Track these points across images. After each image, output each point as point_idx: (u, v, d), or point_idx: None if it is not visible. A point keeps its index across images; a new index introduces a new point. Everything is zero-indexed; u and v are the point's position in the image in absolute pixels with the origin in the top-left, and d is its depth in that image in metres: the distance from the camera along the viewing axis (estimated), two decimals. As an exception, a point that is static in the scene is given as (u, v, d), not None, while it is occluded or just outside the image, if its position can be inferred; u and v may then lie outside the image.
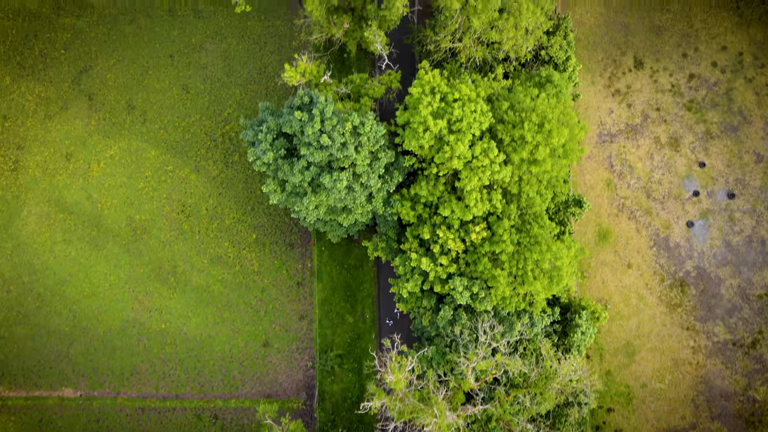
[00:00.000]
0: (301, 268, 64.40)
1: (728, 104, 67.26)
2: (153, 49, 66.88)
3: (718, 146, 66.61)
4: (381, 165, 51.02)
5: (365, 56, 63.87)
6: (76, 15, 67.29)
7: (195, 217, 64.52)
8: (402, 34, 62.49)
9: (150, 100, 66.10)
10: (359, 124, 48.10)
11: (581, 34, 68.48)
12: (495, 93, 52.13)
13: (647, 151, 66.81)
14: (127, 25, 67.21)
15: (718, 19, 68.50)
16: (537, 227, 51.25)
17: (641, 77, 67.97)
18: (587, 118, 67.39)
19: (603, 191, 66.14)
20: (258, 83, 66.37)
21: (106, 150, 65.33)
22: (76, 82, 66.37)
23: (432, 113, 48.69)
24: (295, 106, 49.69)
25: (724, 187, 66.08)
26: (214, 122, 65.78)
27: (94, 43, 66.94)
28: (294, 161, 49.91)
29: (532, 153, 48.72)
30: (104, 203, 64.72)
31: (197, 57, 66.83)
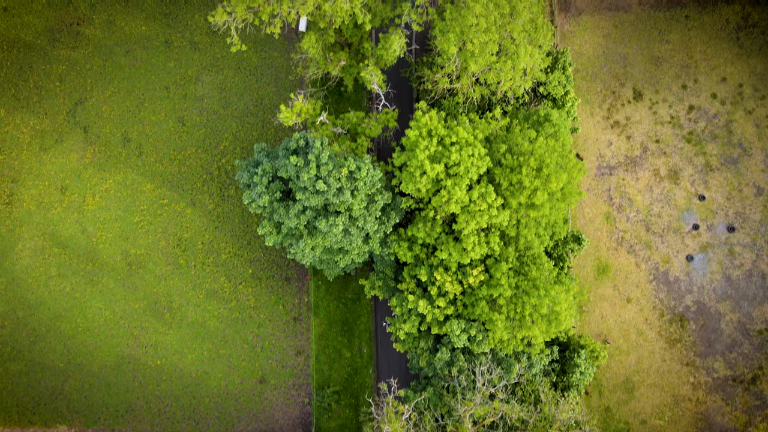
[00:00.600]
0: (297, 302, 63.88)
1: (728, 136, 66.81)
2: (149, 81, 66.42)
3: (717, 179, 66.14)
4: (377, 208, 50.55)
5: (363, 89, 63.41)
6: (71, 47, 66.82)
7: (191, 251, 64.00)
8: (400, 66, 62.04)
9: (146, 133, 65.63)
10: (355, 169, 47.62)
11: (580, 65, 68.03)
12: (493, 133, 51.65)
13: (647, 184, 66.32)
14: (123, 56, 66.77)
15: (718, 50, 68.07)
16: (535, 270, 50.73)
17: (640, 109, 67.52)
18: (586, 150, 66.95)
19: (602, 224, 65.65)
20: (254, 115, 65.89)
21: (101, 183, 64.83)
22: (72, 115, 65.89)
23: (429, 157, 48.23)
24: (291, 150, 49.23)
25: (724, 220, 65.61)
26: (210, 155, 65.29)
27: (90, 75, 66.46)
28: (290, 204, 49.43)
29: (530, 197, 48.27)
30: (99, 237, 64.20)
31: (193, 89, 66.36)
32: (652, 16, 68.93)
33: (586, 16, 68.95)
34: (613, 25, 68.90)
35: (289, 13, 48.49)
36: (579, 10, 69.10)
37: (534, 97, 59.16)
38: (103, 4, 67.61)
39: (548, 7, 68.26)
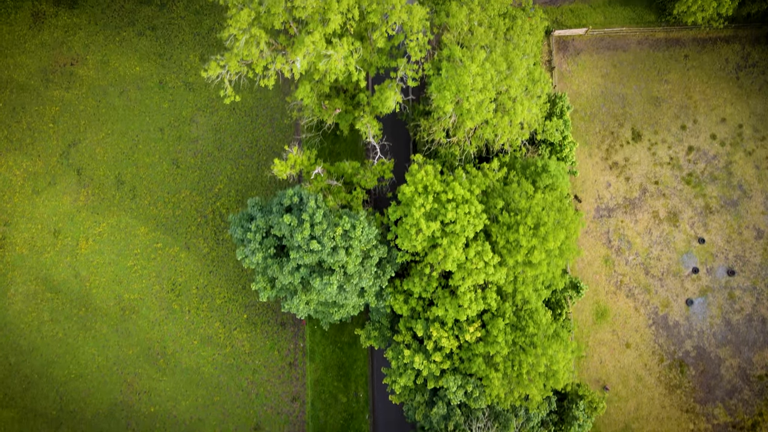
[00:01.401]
0: (293, 348, 63.16)
1: (728, 178, 66.17)
2: (143, 123, 65.78)
3: (717, 221, 65.49)
4: (373, 263, 49.88)
5: (358, 134, 62.76)
6: (65, 87, 66.17)
7: (185, 296, 63.30)
8: (396, 112, 61.46)
9: (140, 175, 64.95)
10: (350, 228, 46.96)
11: (578, 105, 67.41)
12: (490, 186, 51.00)
13: (646, 226, 65.66)
14: (117, 97, 66.12)
15: (717, 90, 67.47)
16: (533, 326, 50.05)
17: (639, 150, 66.89)
18: (584, 192, 66.29)
19: (601, 268, 64.97)
20: (249, 157, 65.24)
21: (94, 227, 64.13)
22: (65, 157, 65.23)
23: (425, 214, 47.62)
24: (285, 206, 48.58)
25: (724, 263, 64.94)
26: (205, 198, 64.60)
27: (83, 117, 65.81)
28: (283, 261, 48.75)
29: (528, 255, 47.61)
30: (92, 282, 63.49)
31: (188, 130, 65.72)
32: (651, 56, 68.31)
33: (585, 56, 68.33)
34: (612, 64, 68.29)
35: (283, 66, 47.85)
36: (577, 50, 68.47)
37: (532, 143, 58.53)
38: (97, 44, 67.00)
39: (546, 46, 67.69)
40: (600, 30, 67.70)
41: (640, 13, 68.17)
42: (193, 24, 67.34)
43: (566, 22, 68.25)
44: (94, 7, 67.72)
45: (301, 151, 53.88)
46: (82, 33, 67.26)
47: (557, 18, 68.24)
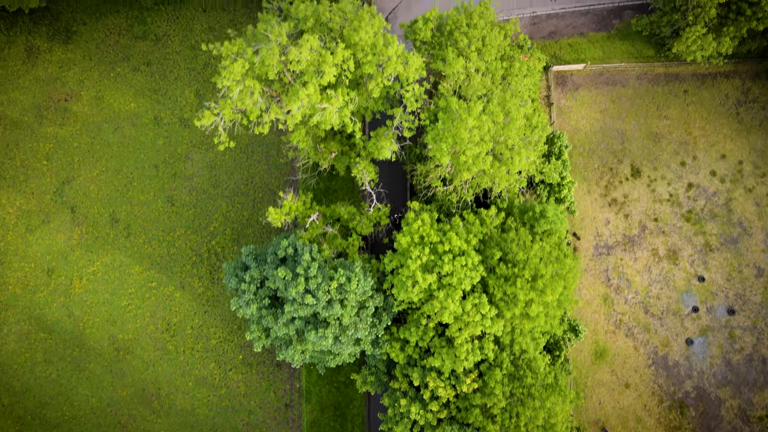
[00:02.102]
0: (289, 389, 62.50)
1: (728, 215, 65.57)
2: (138, 160, 65.19)
3: (717, 259, 64.87)
4: (369, 314, 49.29)
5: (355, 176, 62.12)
6: (59, 124, 65.61)
7: (180, 336, 62.65)
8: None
9: (134, 213, 64.34)
10: (345, 281, 46.34)
11: (577, 141, 66.82)
12: (487, 234, 50.38)
13: (645, 264, 65.03)
14: (112, 134, 65.54)
15: (717, 126, 66.90)
16: (531, 376, 49.44)
17: (639, 186, 66.28)
18: (583, 229, 65.66)
19: (600, 307, 64.32)
20: (245, 194, 64.63)
21: (88, 266, 63.49)
22: (59, 194, 64.63)
23: (421, 266, 47.03)
24: (279, 258, 47.97)
25: (724, 302, 64.32)
26: (200, 236, 63.99)
27: (78, 153, 65.23)
28: (278, 313, 48.14)
29: (525, 308, 47.00)
30: (86, 322, 62.85)
31: (183, 167, 65.12)
32: (650, 91, 67.73)
33: (583, 91, 67.76)
34: (611, 100, 67.71)
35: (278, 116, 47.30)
36: (576, 85, 67.90)
37: (530, 185, 57.94)
38: (91, 79, 66.43)
39: (545, 81, 67.10)
40: (599, 65, 67.15)
41: (639, 48, 67.59)
42: (188, 59, 66.76)
43: (565, 56, 67.65)
44: (88, 42, 67.19)
45: (297, 196, 53.31)
46: (76, 68, 66.69)
47: (555, 53, 67.67)
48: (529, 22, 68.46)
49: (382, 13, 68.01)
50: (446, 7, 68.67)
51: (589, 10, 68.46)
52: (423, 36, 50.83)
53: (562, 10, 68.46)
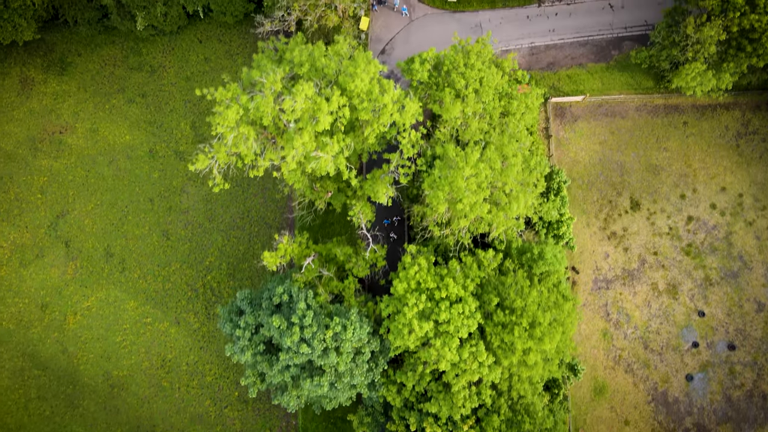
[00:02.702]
0: (285, 426, 61.88)
1: (728, 249, 64.97)
2: (132, 193, 64.63)
3: (717, 294, 64.27)
4: (365, 359, 48.70)
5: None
6: (53, 156, 65.07)
7: (175, 372, 62.04)
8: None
9: (129, 248, 63.78)
10: (341, 330, 45.75)
11: (576, 173, 66.25)
12: (485, 277, 49.80)
13: (645, 299, 64.44)
14: (107, 166, 65.00)
15: (717, 158, 66.33)
16: (529, 422, 48.84)
17: (638, 219, 65.69)
18: (582, 263, 65.07)
19: (599, 342, 63.72)
20: (241, 228, 64.06)
21: (83, 301, 62.92)
22: (53, 228, 64.06)
23: (417, 313, 46.44)
24: (274, 304, 47.40)
25: (725, 337, 63.71)
26: (196, 271, 63.40)
27: (72, 187, 64.67)
28: (273, 360, 47.55)
29: (523, 356, 46.41)
30: (80, 358, 62.24)
31: (178, 201, 64.57)
32: (650, 123, 67.19)
33: (582, 123, 67.21)
34: (610, 131, 67.17)
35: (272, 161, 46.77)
36: (575, 117, 67.36)
37: (528, 224, 57.37)
38: (86, 111, 65.91)
39: (543, 113, 66.56)
40: (598, 97, 66.60)
41: (638, 80, 67.05)
42: (183, 91, 66.23)
43: (563, 87, 67.11)
44: (83, 73, 66.66)
45: (292, 237, 52.72)
46: (71, 100, 66.18)
47: (554, 84, 67.13)
48: (528, 52, 67.92)
49: (380, 42, 67.55)
50: (442, 37, 68.27)
51: (588, 41, 67.91)
52: (420, 76, 50.27)
53: (560, 40, 67.91)
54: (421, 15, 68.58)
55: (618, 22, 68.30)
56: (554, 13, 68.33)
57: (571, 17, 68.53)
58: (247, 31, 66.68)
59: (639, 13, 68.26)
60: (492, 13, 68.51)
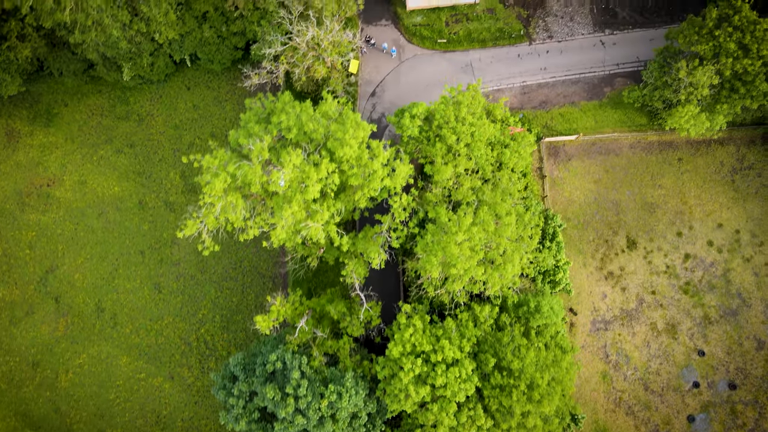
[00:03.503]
0: (283, 480, 60.93)
1: (726, 286, 64.38)
2: (123, 246, 63.70)
3: (717, 332, 63.66)
4: (362, 423, 47.86)
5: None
6: (41, 210, 64.11)
7: (170, 429, 61.05)
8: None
9: (120, 302, 62.83)
10: (336, 398, 44.93)
11: (571, 213, 65.60)
12: (482, 335, 49.06)
13: (644, 339, 63.79)
14: (96, 219, 64.06)
15: (713, 194, 65.77)
16: (530, 481, 48.09)
17: (635, 258, 65.05)
18: (580, 304, 64.38)
19: (599, 385, 63.03)
20: (234, 279, 63.17)
21: (74, 358, 61.93)
22: (43, 284, 63.07)
23: (414, 378, 45.67)
24: (269, 372, 46.53)
25: (725, 377, 63.09)
26: (189, 324, 62.49)
27: (61, 241, 63.71)
28: (268, 428, 46.68)
29: (523, 419, 45.69)
30: (73, 417, 61.23)
31: (169, 253, 63.65)
32: (644, 160, 66.59)
33: (576, 162, 66.57)
34: (604, 170, 66.53)
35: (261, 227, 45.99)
36: (568, 156, 66.72)
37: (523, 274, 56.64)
38: (74, 163, 64.99)
39: (537, 153, 65.89)
40: (591, 135, 65.97)
41: (632, 117, 66.46)
42: (172, 140, 65.38)
43: (556, 126, 66.46)
44: (70, 124, 65.76)
45: (285, 294, 51.91)
46: (58, 152, 65.25)
47: (547, 123, 66.49)
48: (520, 91, 67.26)
49: (370, 84, 66.74)
50: (433, 77, 67.50)
51: (580, 79, 67.28)
52: (410, 132, 49.55)
53: (552, 79, 67.26)
54: (410, 56, 67.88)
55: (610, 58, 67.75)
56: (545, 51, 67.73)
57: (562, 55, 67.96)
58: (236, 76, 65.84)
59: (630, 50, 67.74)
60: (482, 53, 67.84)
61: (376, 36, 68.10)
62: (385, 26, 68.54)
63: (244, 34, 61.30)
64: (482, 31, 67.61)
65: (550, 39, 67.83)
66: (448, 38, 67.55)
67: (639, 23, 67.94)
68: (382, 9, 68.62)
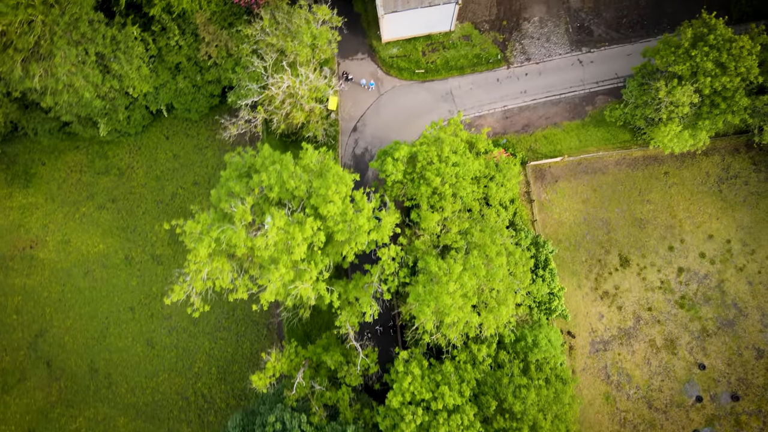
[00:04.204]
0: None
1: (721, 297, 64.29)
2: (111, 303, 62.66)
3: (716, 344, 63.53)
4: (367, 476, 47.26)
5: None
6: (26, 274, 62.94)
7: (173, 487, 60.14)
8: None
9: (113, 361, 61.77)
10: (338, 456, 44.31)
11: (562, 235, 65.29)
12: (481, 377, 48.53)
13: (644, 357, 63.53)
14: (82, 278, 62.97)
15: (701, 205, 65.68)
16: None
17: (629, 276, 64.82)
18: (577, 326, 64.04)
19: (602, 407, 62.70)
20: (227, 329, 62.31)
21: (70, 423, 60.77)
22: (33, 349, 61.88)
23: (415, 428, 45.07)
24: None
25: (727, 389, 62.96)
26: (185, 378, 61.53)
27: (48, 303, 62.56)
28: (272, 490, 45.92)
29: (528, 462, 45.25)
30: (74, 482, 60.16)
31: (159, 307, 62.66)
32: (631, 176, 66.41)
33: (563, 183, 66.25)
34: (592, 189, 66.28)
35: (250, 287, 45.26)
36: (555, 177, 66.39)
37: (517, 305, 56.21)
38: (56, 223, 63.88)
39: (523, 177, 65.50)
40: (576, 156, 65.70)
41: (615, 134, 66.29)
42: (154, 191, 64.44)
43: (540, 149, 66.16)
44: (49, 183, 64.66)
45: (281, 349, 51.15)
46: (39, 213, 64.13)
47: (531, 146, 66.17)
48: (502, 116, 66.91)
49: (351, 120, 66.05)
50: (413, 107, 66.90)
51: (561, 99, 67.01)
52: (394, 177, 48.98)
53: (533, 101, 66.96)
54: (389, 88, 67.33)
55: (589, 77, 67.55)
56: (524, 73, 67.40)
57: (541, 76, 67.65)
58: (215, 121, 65.04)
59: (609, 66, 67.58)
60: (461, 80, 67.40)
61: (353, 70, 67.51)
62: (362, 60, 67.97)
63: (219, 81, 60.56)
64: (459, 59, 67.19)
65: (528, 61, 67.53)
66: (425, 68, 67.09)
67: (615, 39, 67.80)
68: (357, 42, 68.06)
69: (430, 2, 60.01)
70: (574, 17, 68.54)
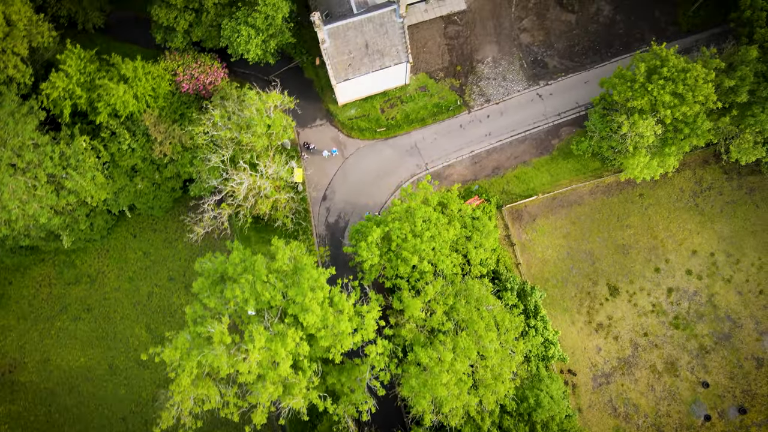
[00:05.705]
0: None
1: (714, 311, 64.13)
2: (102, 417, 60.63)
3: (715, 360, 63.32)
4: None
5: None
6: (9, 400, 60.64)
7: None
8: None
9: (113, 477, 59.77)
10: None
11: (547, 273, 64.65)
12: (488, 446, 47.61)
13: (647, 384, 63.10)
14: (67, 396, 60.85)
15: (680, 222, 65.53)
16: None
17: (620, 304, 64.39)
18: (576, 363, 63.41)
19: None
20: (226, 424, 60.54)
21: None
22: (27, 478, 59.67)
23: None
24: None
25: (733, 403, 62.77)
26: (189, 483, 59.67)
27: (36, 428, 60.27)
28: None
29: None
30: None
31: (152, 413, 60.67)
32: (607, 203, 66.04)
33: (541, 220, 65.66)
34: (571, 222, 65.78)
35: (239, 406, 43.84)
36: (532, 216, 65.78)
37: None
38: (32, 342, 61.67)
39: (500, 220, 64.76)
40: (549, 192, 65.12)
41: (585, 164, 65.91)
42: (129, 294, 62.55)
43: (513, 190, 65.50)
44: (19, 301, 62.43)
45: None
46: (13, 334, 61.85)
47: (504, 188, 65.48)
48: (470, 162, 66.13)
49: (319, 189, 64.61)
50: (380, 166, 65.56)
51: (526, 137, 66.45)
52: (370, 261, 47.85)
53: (499, 142, 66.31)
54: (353, 150, 66.19)
55: (550, 110, 67.07)
56: (486, 116, 66.73)
57: (503, 116, 67.04)
58: (181, 211, 63.37)
59: (568, 97, 67.18)
60: (424, 131, 66.51)
61: (314, 137, 66.29)
62: (321, 126, 66.77)
63: (179, 176, 58.99)
64: (419, 110, 66.34)
65: (487, 103, 66.87)
66: (386, 125, 66.12)
67: (571, 68, 67.45)
68: (314, 109, 66.84)
69: (381, 65, 59.08)
70: (527, 52, 68.05)
